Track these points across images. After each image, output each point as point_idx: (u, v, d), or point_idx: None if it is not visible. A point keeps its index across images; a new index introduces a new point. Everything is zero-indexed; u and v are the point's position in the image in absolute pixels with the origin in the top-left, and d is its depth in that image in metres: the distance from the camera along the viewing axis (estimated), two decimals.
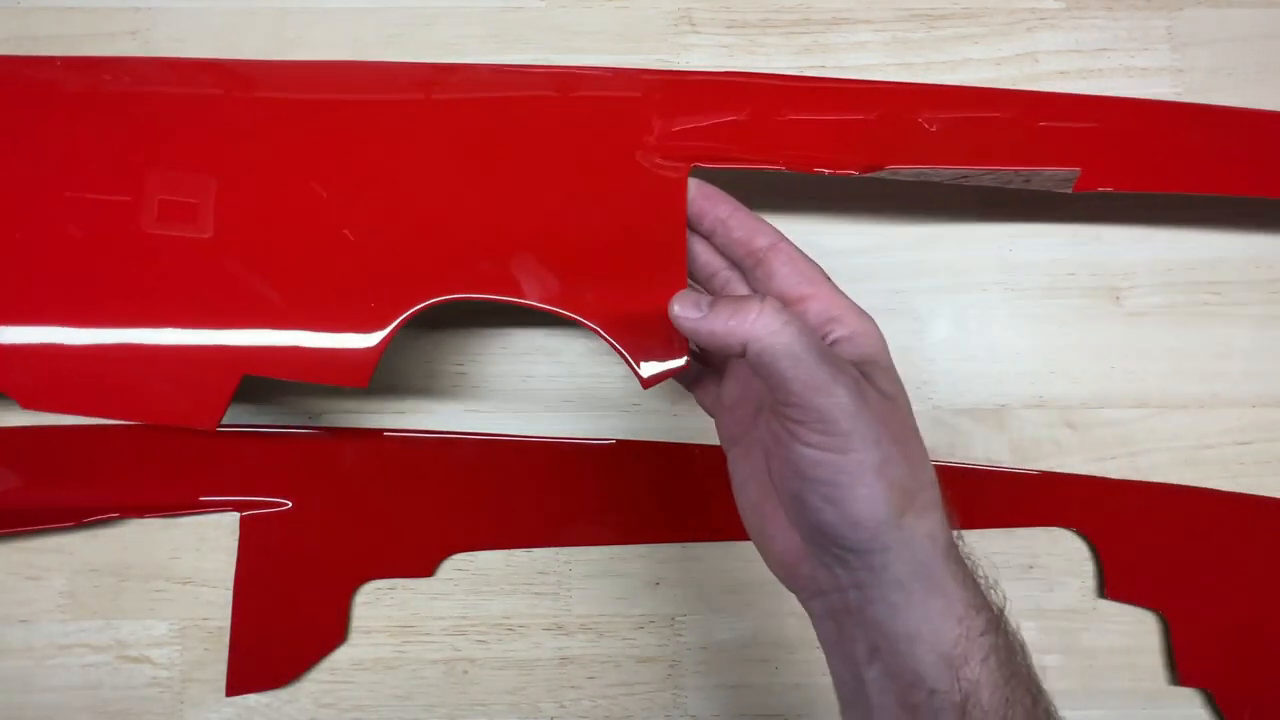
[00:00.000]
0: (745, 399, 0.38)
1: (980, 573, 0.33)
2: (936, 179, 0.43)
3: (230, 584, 0.44)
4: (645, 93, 0.43)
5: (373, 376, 0.38)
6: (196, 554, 0.45)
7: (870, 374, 0.33)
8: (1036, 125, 0.44)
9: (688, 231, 0.39)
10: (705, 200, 0.39)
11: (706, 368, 0.40)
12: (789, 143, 0.42)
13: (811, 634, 0.44)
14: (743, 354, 0.32)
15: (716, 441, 0.47)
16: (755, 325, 0.31)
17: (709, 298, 0.33)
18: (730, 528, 0.46)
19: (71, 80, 0.42)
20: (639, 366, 0.38)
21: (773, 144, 0.42)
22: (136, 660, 0.45)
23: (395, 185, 0.41)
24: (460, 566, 0.46)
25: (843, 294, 0.36)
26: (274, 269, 0.39)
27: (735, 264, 0.39)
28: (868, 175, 0.42)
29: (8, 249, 0.40)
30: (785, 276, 0.37)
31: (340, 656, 0.45)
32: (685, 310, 0.33)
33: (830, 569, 0.33)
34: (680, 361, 0.38)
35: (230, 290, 0.39)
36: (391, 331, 0.39)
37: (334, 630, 0.45)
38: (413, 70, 0.44)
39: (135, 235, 0.40)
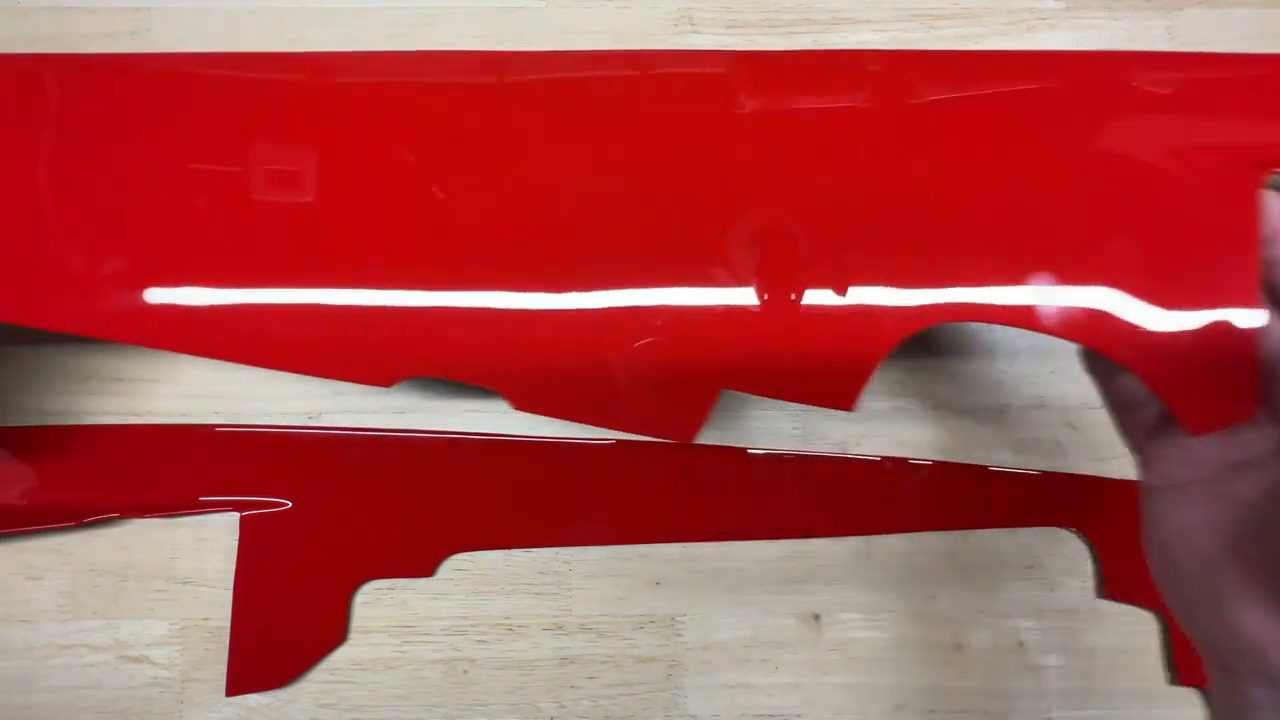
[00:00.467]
0: (1226, 441, 0.32)
1: None
2: None
3: (230, 584, 0.44)
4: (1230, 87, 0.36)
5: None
6: (196, 554, 0.45)
7: None
8: None
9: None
10: None
11: None
12: None
13: (810, 635, 0.44)
14: None
15: (717, 441, 0.47)
16: None
17: None
18: (730, 528, 0.46)
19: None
20: (1185, 413, 0.33)
21: None
22: (136, 660, 0.45)
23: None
24: (460, 566, 0.46)
25: None
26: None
27: None
28: None
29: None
30: None
31: (340, 656, 0.45)
32: None
33: None
34: (1247, 410, 0.32)
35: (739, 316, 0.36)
36: (887, 352, 0.36)
37: (334, 630, 0.45)
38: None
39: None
